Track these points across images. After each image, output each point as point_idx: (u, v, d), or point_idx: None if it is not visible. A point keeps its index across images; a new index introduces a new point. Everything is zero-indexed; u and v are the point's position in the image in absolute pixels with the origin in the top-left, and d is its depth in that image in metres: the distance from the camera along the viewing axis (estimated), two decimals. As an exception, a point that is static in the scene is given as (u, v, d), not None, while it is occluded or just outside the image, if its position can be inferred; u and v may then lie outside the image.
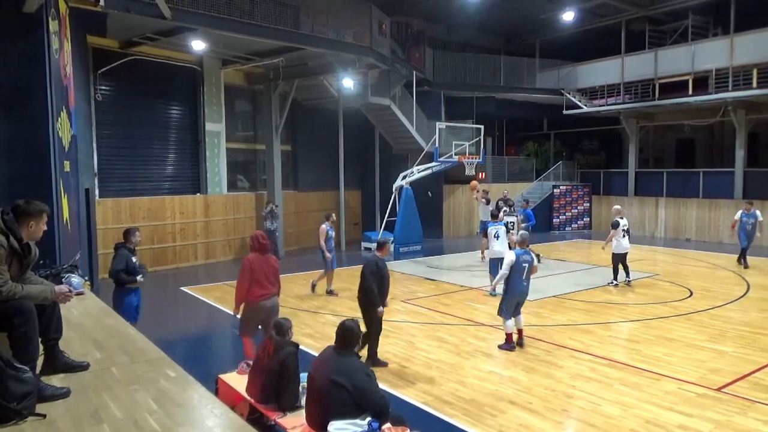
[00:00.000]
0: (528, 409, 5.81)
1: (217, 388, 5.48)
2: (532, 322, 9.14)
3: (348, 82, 16.29)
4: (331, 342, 4.42)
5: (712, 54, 18.24)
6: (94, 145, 13.28)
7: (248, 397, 4.98)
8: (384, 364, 7.05)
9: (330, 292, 11.16)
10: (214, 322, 9.88)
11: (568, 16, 19.97)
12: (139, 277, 6.94)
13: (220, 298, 10.86)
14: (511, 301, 7.77)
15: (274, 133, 16.39)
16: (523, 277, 7.69)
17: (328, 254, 10.84)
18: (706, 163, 22.11)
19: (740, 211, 14.04)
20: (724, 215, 18.97)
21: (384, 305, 7.06)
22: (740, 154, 18.90)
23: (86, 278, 7.32)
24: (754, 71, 17.14)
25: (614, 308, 10.00)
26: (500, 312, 7.83)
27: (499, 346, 7.80)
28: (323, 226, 10.94)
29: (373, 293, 6.85)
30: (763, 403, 5.87)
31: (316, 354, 4.77)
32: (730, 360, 7.27)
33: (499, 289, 10.61)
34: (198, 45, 13.18)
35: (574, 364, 7.17)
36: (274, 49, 13.98)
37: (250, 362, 5.26)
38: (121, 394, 3.27)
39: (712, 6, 18.67)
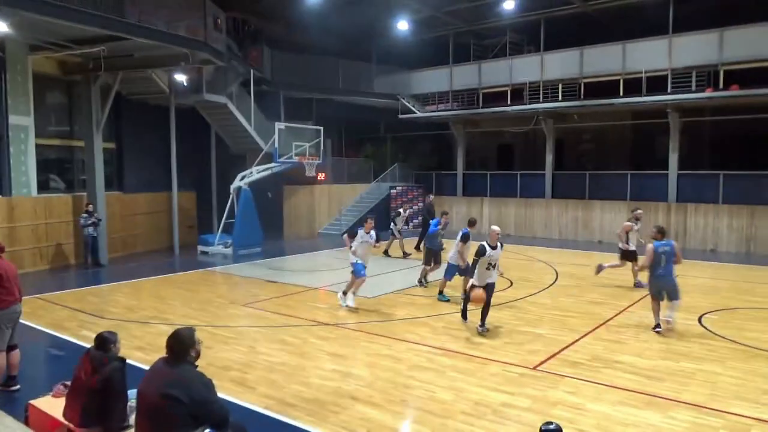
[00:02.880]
0: (370, 403, 5.95)
1: (27, 416, 4.83)
2: (374, 319, 9.42)
3: (180, 78, 15.37)
4: (164, 354, 4.11)
5: (526, 68, 20.48)
6: None
7: (66, 422, 4.46)
8: None
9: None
10: (24, 341, 8.65)
11: (402, 25, 21.02)
12: None
13: (31, 313, 9.58)
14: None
15: (95, 129, 14.84)
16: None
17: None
18: (523, 166, 24.62)
19: None
20: (537, 213, 21.31)
21: None
22: (549, 158, 21.38)
23: None
24: (560, 86, 19.60)
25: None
26: None
27: None
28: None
29: None
30: (570, 377, 6.67)
31: (148, 368, 4.41)
32: (544, 341, 8.15)
33: None
34: (-3, 26, 11.48)
35: (413, 356, 7.51)
36: (95, 37, 12.66)
37: (68, 383, 4.71)
38: None
39: (526, 25, 20.91)
